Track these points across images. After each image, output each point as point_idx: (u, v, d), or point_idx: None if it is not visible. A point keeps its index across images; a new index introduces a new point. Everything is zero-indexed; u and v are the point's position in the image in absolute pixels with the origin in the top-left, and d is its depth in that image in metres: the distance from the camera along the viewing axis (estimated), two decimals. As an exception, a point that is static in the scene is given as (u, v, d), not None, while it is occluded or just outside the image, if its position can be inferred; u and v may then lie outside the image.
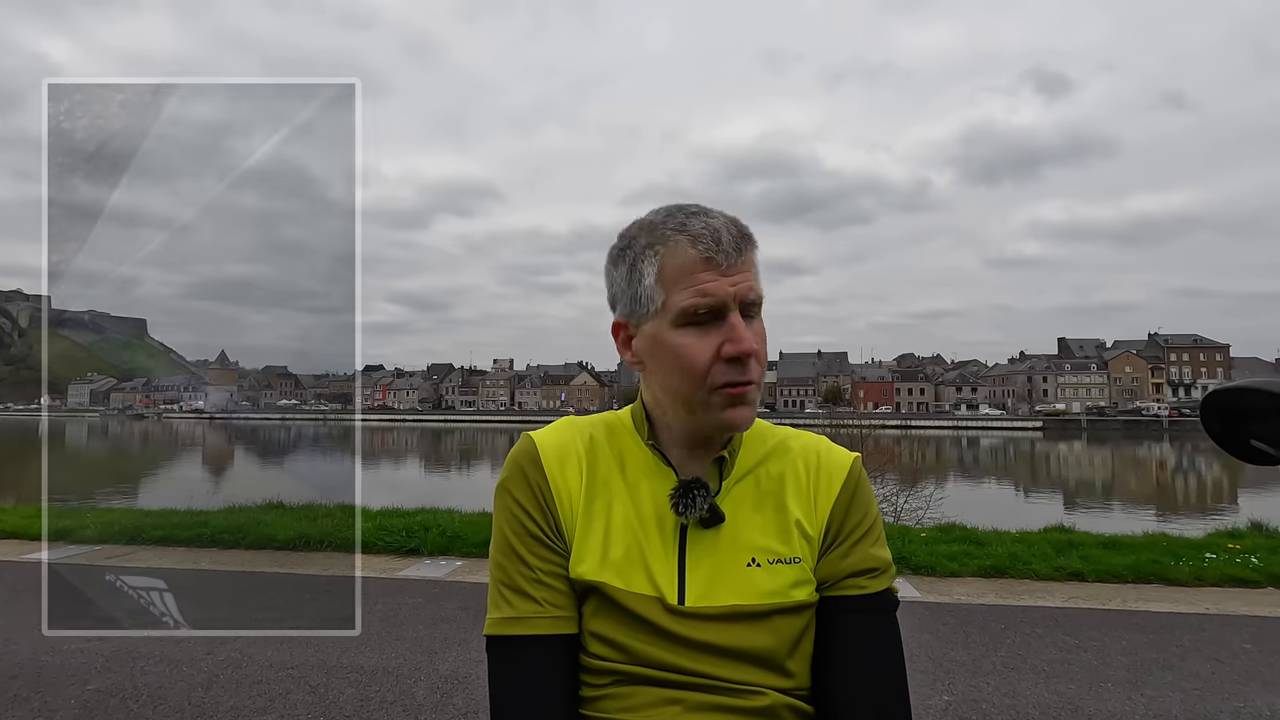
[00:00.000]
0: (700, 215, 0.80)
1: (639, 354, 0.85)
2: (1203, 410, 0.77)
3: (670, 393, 0.83)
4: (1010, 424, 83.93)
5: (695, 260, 0.78)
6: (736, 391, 0.79)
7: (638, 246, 0.82)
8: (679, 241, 0.79)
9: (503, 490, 0.86)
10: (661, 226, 0.81)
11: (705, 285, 0.77)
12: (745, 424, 0.81)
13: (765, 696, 0.79)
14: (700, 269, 0.78)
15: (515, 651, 0.81)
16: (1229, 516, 12.32)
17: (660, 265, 0.80)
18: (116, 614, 3.79)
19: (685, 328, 0.79)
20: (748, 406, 0.80)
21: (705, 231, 0.78)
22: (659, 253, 0.80)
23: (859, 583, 0.83)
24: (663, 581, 0.81)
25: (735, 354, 0.77)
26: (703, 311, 0.78)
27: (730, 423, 0.80)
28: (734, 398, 0.79)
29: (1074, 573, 5.37)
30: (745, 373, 0.78)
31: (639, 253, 0.81)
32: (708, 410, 0.80)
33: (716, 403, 0.79)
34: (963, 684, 3.36)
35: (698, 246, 0.78)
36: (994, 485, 25.33)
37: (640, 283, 0.81)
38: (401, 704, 3.11)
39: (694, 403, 0.81)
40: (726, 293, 0.77)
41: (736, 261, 0.78)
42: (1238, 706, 3.13)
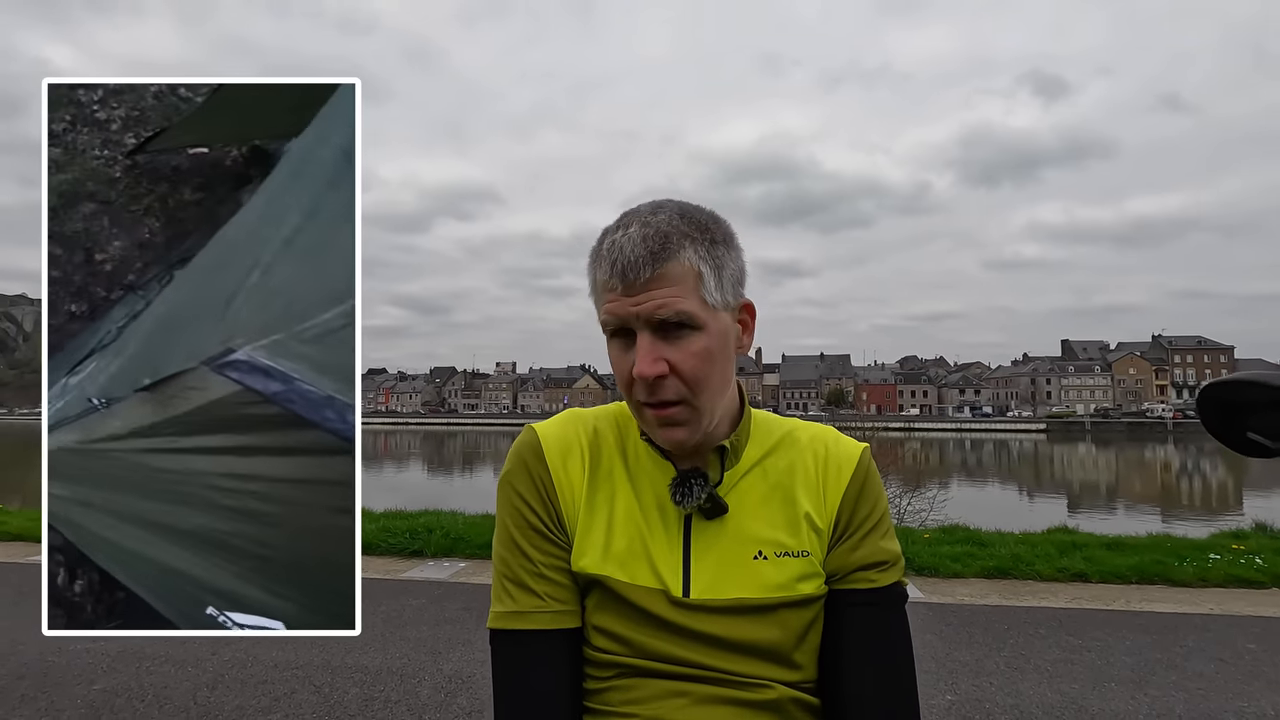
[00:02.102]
0: (620, 230, 0.78)
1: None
2: (1199, 403, 0.78)
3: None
4: (1013, 426, 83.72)
5: (604, 281, 0.77)
6: (656, 414, 0.78)
7: (591, 252, 0.82)
8: (598, 257, 0.79)
9: (505, 483, 0.86)
10: (599, 238, 0.80)
11: (609, 305, 0.77)
12: (677, 445, 0.80)
13: (772, 689, 0.78)
14: (606, 289, 0.77)
15: (517, 646, 0.80)
16: (1233, 518, 12.29)
17: (592, 277, 0.80)
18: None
19: (612, 340, 0.79)
20: (680, 428, 0.78)
21: (609, 250, 0.76)
22: (590, 266, 0.81)
23: (868, 576, 0.82)
24: (667, 574, 0.80)
25: (636, 375, 0.76)
26: (611, 329, 0.78)
27: (662, 439, 0.80)
28: (659, 419, 0.78)
29: (1077, 574, 5.36)
30: (657, 393, 0.76)
31: (589, 259, 0.82)
32: (645, 424, 0.81)
33: (645, 420, 0.80)
34: (966, 684, 3.36)
35: (602, 266, 0.77)
36: (997, 487, 25.27)
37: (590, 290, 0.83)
38: (406, 703, 3.12)
39: (634, 413, 0.82)
40: (629, 313, 0.75)
41: (646, 279, 0.74)
42: (1242, 706, 3.13)
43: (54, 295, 1.52)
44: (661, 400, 0.76)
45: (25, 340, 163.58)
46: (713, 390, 0.79)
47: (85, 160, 1.57)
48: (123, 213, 1.55)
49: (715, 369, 0.78)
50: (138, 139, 1.59)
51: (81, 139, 1.57)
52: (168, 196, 1.57)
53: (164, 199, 1.57)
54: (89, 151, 1.57)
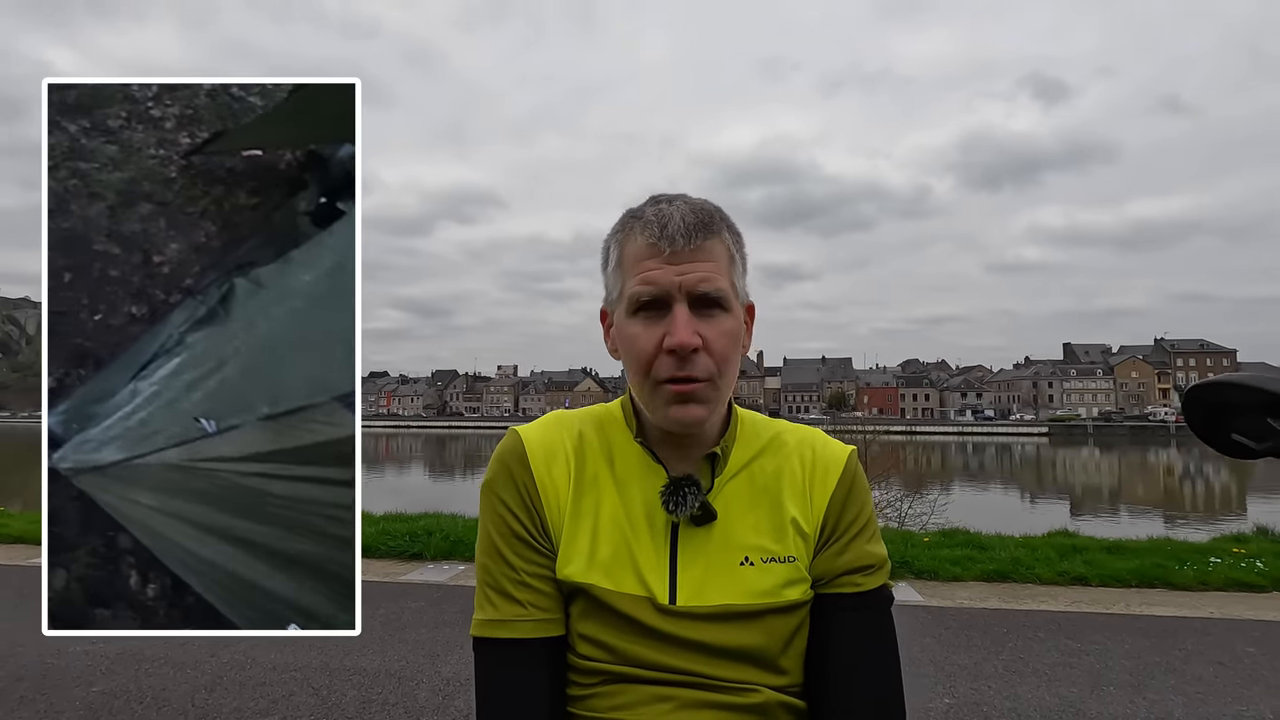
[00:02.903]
0: (663, 202, 0.79)
1: (614, 342, 0.84)
2: (1185, 404, 0.78)
3: (633, 384, 0.82)
4: (1015, 429, 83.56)
5: (643, 247, 0.77)
6: (679, 389, 0.76)
7: (612, 232, 0.83)
8: (633, 228, 0.79)
9: (488, 490, 0.84)
10: (630, 213, 0.81)
11: (649, 273, 0.76)
12: (693, 424, 0.78)
13: (758, 693, 0.78)
14: (646, 256, 0.77)
15: (500, 654, 0.80)
16: (1234, 521, 12.26)
17: (620, 252, 0.80)
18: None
19: (635, 316, 0.78)
20: (698, 405, 0.77)
21: (654, 218, 0.77)
22: (620, 240, 0.81)
23: (854, 580, 0.82)
24: (653, 581, 0.79)
25: (672, 346, 0.75)
26: (645, 299, 0.77)
27: (674, 419, 0.78)
28: (678, 395, 0.76)
29: (1077, 577, 5.35)
30: (686, 367, 0.76)
31: (610, 239, 0.83)
32: (656, 405, 0.79)
33: (661, 398, 0.78)
34: (964, 687, 3.35)
35: (645, 233, 0.77)
36: (998, 490, 25.21)
37: (608, 269, 0.83)
38: (404, 705, 3.12)
39: (645, 396, 0.80)
40: (671, 282, 0.75)
41: (687, 250, 0.76)
42: (1240, 710, 3.12)
43: (113, 295, 1.51)
44: (690, 375, 0.76)
45: (28, 343, 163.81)
46: (731, 376, 0.80)
47: (141, 159, 1.55)
48: (179, 214, 1.54)
49: (737, 354, 0.80)
50: (192, 138, 1.58)
51: (137, 137, 1.55)
52: (223, 199, 1.56)
53: (219, 202, 1.55)
54: (144, 150, 1.55)
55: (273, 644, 3.73)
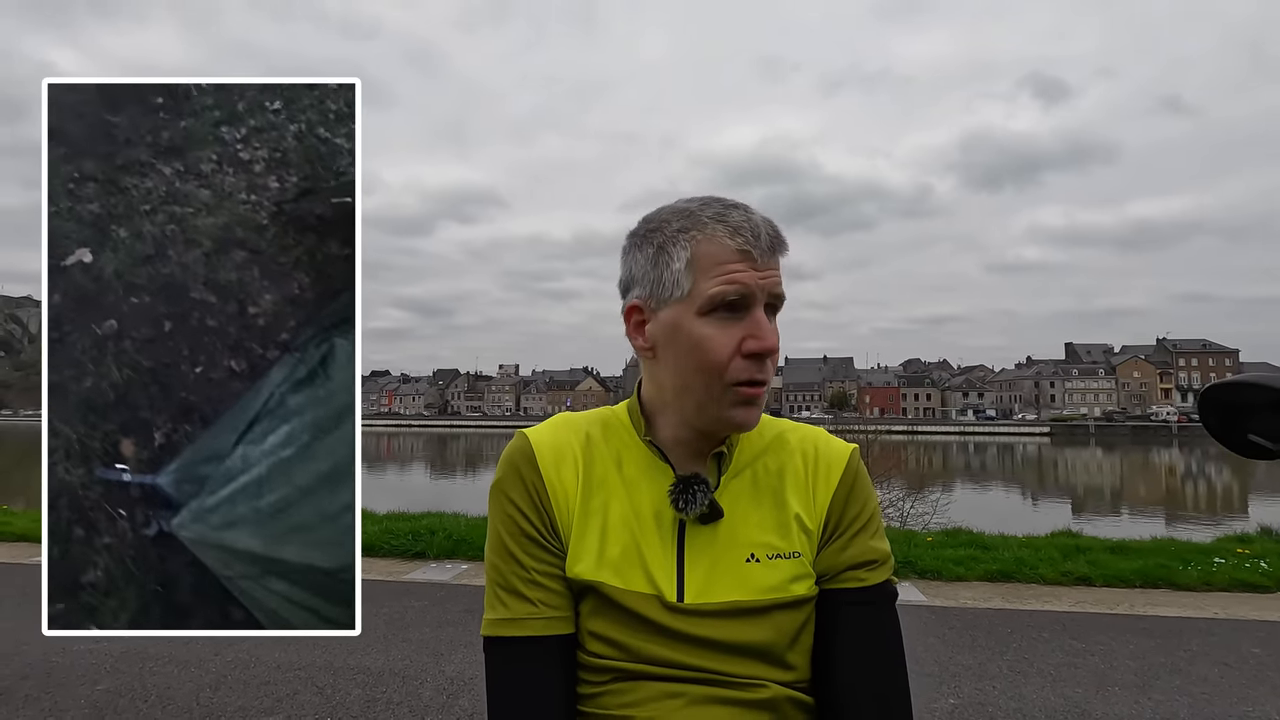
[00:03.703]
0: (740, 209, 0.80)
1: (652, 339, 0.82)
2: (1200, 405, 0.78)
3: (681, 383, 0.81)
4: (1017, 429, 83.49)
5: (731, 250, 0.77)
6: (750, 392, 0.78)
7: (669, 230, 0.80)
8: (716, 230, 0.78)
9: (497, 490, 0.85)
10: (699, 214, 0.80)
11: (737, 275, 0.76)
12: (752, 424, 0.81)
13: (766, 689, 0.79)
14: (734, 260, 0.77)
15: (511, 653, 0.80)
16: (1238, 521, 12.23)
17: (693, 251, 0.78)
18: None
19: (709, 317, 0.78)
20: (756, 408, 0.80)
21: (745, 224, 0.77)
22: (694, 239, 0.78)
23: (858, 575, 0.83)
24: (661, 579, 0.80)
25: (758, 350, 0.77)
26: (731, 298, 0.77)
27: (739, 422, 0.80)
28: (746, 398, 0.78)
29: (1081, 577, 5.35)
30: (763, 371, 0.78)
31: (670, 236, 0.80)
32: (720, 406, 0.79)
33: (729, 399, 0.78)
34: (969, 688, 3.35)
35: (736, 238, 0.77)
36: (1001, 490, 25.19)
37: (668, 266, 0.79)
38: (408, 705, 3.12)
39: (706, 396, 0.79)
40: (758, 284, 0.77)
41: (770, 260, 0.78)
42: (1246, 711, 3.12)
43: (211, 347, 1.49)
44: (765, 379, 0.79)
45: (30, 342, 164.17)
46: None
47: (233, 205, 1.51)
48: (272, 264, 1.50)
49: None
50: (281, 183, 1.52)
51: (229, 181, 1.51)
52: (315, 249, 1.51)
53: (312, 252, 1.51)
54: (235, 195, 1.51)
55: (276, 643, 3.73)
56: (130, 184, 1.51)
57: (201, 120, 1.53)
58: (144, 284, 1.49)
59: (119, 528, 1.49)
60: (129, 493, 1.48)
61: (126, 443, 1.47)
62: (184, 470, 1.46)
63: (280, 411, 1.46)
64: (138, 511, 1.48)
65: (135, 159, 1.51)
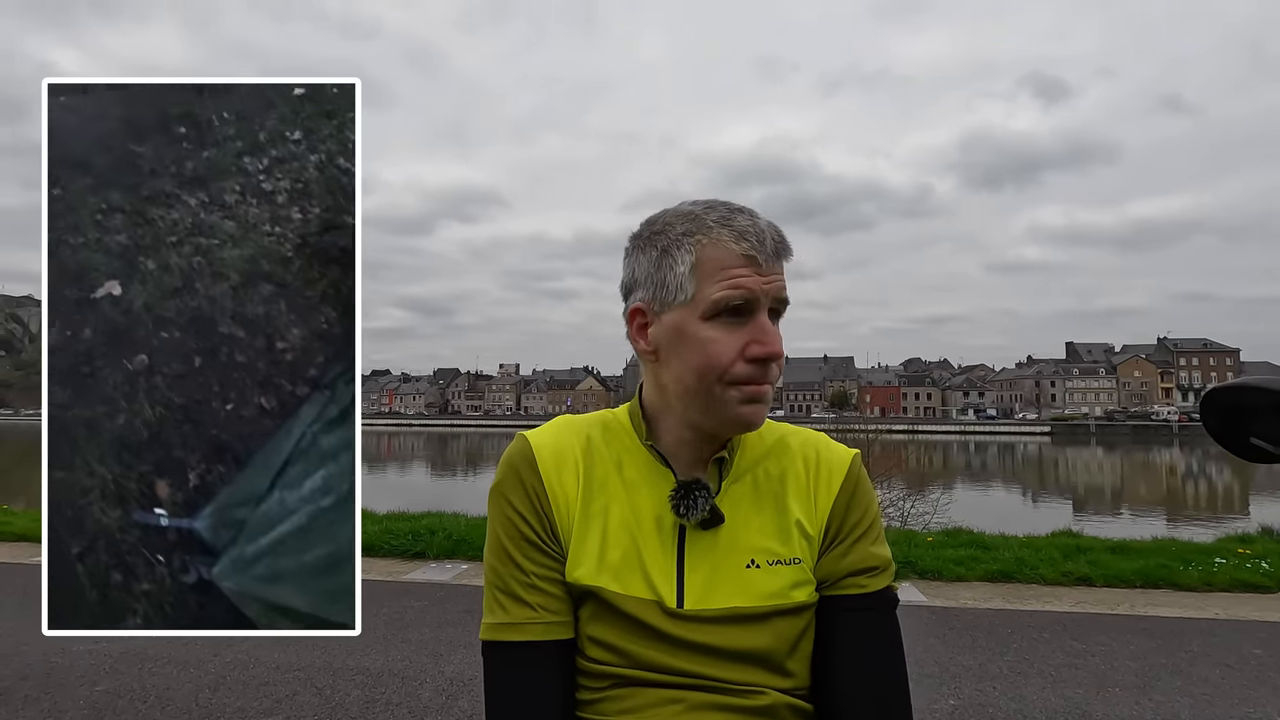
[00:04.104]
0: (745, 214, 0.79)
1: (655, 343, 0.82)
2: (1202, 408, 0.77)
3: (684, 386, 0.80)
4: (1018, 429, 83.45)
5: (736, 255, 0.77)
6: (754, 390, 0.78)
7: (673, 234, 0.80)
8: (721, 235, 0.77)
9: (497, 493, 0.85)
10: (703, 218, 0.79)
11: (742, 279, 0.76)
12: (758, 423, 0.81)
13: (765, 695, 0.79)
14: (739, 264, 0.77)
15: (510, 657, 0.80)
16: (1239, 521, 12.23)
17: (697, 255, 0.78)
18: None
19: (713, 321, 0.77)
20: (763, 405, 0.80)
21: (751, 229, 0.77)
22: (699, 242, 0.78)
23: (859, 581, 0.82)
24: (661, 584, 0.80)
25: (761, 355, 0.77)
26: (736, 303, 0.77)
27: (744, 419, 0.79)
28: (750, 395, 0.78)
29: (1082, 578, 5.34)
30: (766, 375, 0.78)
31: (674, 239, 0.79)
32: (723, 406, 0.78)
33: (733, 397, 0.78)
34: (969, 688, 3.34)
35: (741, 243, 0.77)
36: (1001, 490, 25.17)
37: (671, 269, 0.79)
38: (407, 705, 3.12)
39: (709, 399, 0.79)
40: (762, 289, 0.77)
41: (774, 265, 0.78)
42: (1247, 712, 3.11)
43: (241, 383, 1.47)
44: (768, 382, 0.79)
45: (31, 341, 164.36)
46: None
47: (258, 237, 1.49)
48: (299, 297, 1.49)
49: None
50: (304, 214, 1.51)
51: (252, 212, 1.50)
52: (339, 283, 1.50)
53: (337, 285, 1.49)
54: (260, 226, 1.50)
55: (276, 643, 3.73)
56: (157, 215, 1.49)
57: (224, 150, 1.52)
58: (173, 317, 1.47)
59: (157, 573, 1.48)
60: (166, 537, 1.46)
61: (161, 484, 1.45)
62: (220, 514, 1.44)
63: (314, 453, 1.45)
64: (175, 557, 1.47)
65: (161, 190, 1.49)
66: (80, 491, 1.47)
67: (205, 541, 1.45)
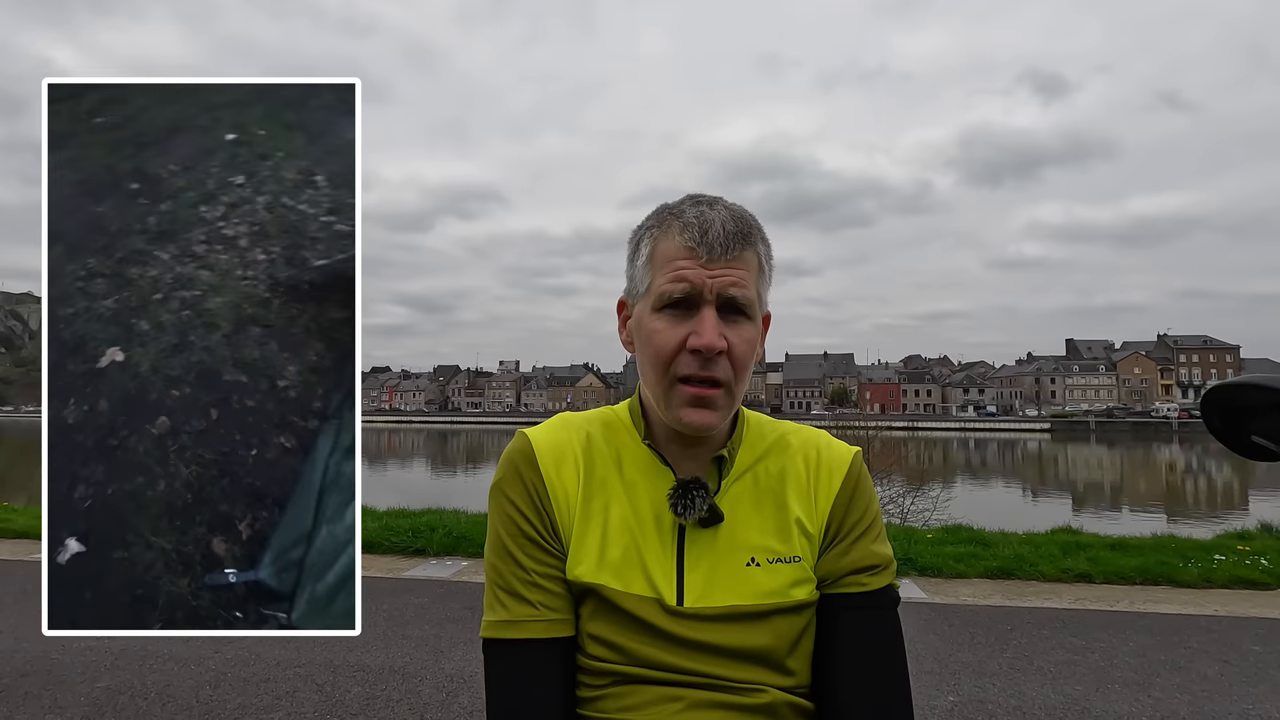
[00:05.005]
0: (702, 205, 0.80)
1: (630, 334, 0.85)
2: (1203, 406, 0.77)
3: (647, 380, 0.82)
4: (1018, 426, 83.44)
5: (679, 247, 0.77)
6: (696, 391, 0.77)
7: (645, 226, 0.83)
8: (672, 226, 0.79)
9: (497, 491, 0.85)
10: (668, 209, 0.82)
11: (682, 271, 0.77)
12: (705, 429, 0.79)
13: (766, 693, 0.78)
14: (682, 256, 0.77)
15: (511, 655, 0.80)
16: (1239, 518, 12.23)
17: (653, 247, 0.80)
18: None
19: (661, 313, 0.78)
20: (711, 410, 0.78)
21: (696, 221, 0.77)
22: (653, 235, 0.81)
23: (859, 580, 0.82)
24: (661, 582, 0.80)
25: (699, 346, 0.75)
26: (676, 296, 0.77)
27: (687, 422, 0.78)
28: (694, 397, 0.77)
29: (1081, 574, 5.35)
30: (708, 368, 0.76)
31: (643, 232, 0.83)
32: (668, 405, 0.79)
33: (677, 398, 0.78)
34: (968, 685, 3.35)
35: (685, 234, 0.77)
36: (1001, 487, 25.19)
37: (636, 262, 0.83)
38: (407, 702, 3.12)
39: (659, 391, 0.80)
40: (704, 283, 0.76)
41: (724, 258, 0.76)
42: (1246, 709, 3.11)
43: (258, 427, 1.49)
44: (711, 377, 0.77)
45: (31, 338, 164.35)
46: (745, 383, 0.81)
47: (235, 282, 1.52)
48: (286, 335, 1.51)
49: (752, 362, 0.80)
50: (267, 255, 1.53)
51: (223, 259, 1.52)
52: (318, 315, 1.52)
53: (316, 318, 1.52)
54: (233, 272, 1.52)
55: (276, 641, 3.73)
56: (135, 274, 1.50)
57: (179, 201, 1.54)
58: (180, 374, 1.48)
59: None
60: (236, 592, 1.48)
61: (217, 541, 1.47)
62: (278, 559, 1.47)
63: (342, 482, 1.48)
64: (250, 610, 1.49)
65: (133, 248, 1.51)
66: (144, 568, 1.47)
67: (274, 590, 1.47)
